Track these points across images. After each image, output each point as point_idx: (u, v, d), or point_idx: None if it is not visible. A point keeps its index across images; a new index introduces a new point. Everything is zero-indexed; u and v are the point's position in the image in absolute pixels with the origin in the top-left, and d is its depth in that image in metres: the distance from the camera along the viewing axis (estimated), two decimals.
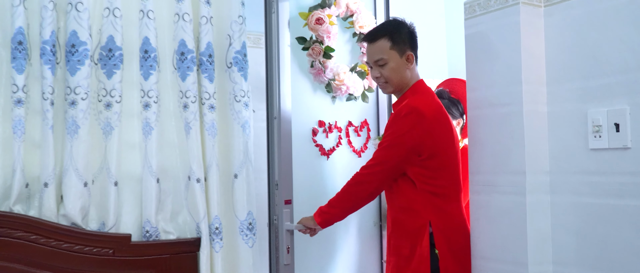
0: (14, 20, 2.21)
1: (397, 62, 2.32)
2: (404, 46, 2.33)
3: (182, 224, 2.48)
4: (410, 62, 2.34)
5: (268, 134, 2.65)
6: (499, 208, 2.06)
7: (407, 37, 2.35)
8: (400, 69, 2.33)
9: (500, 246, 2.05)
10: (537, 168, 1.99)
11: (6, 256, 2.14)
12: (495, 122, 2.07)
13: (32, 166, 2.25)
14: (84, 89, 2.29)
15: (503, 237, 2.04)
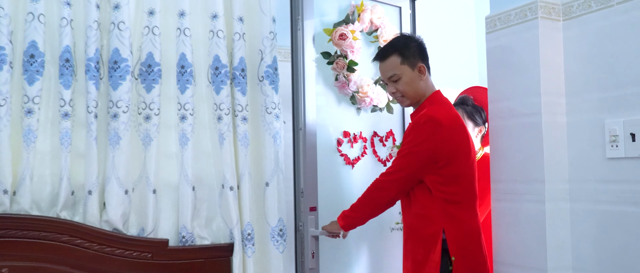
0: (61, 39, 2.35)
1: (410, 75, 2.36)
2: (414, 59, 2.36)
3: (216, 230, 2.59)
4: (423, 73, 2.37)
5: (294, 144, 2.74)
6: (520, 215, 2.12)
7: (416, 50, 2.37)
8: (414, 82, 2.36)
9: (521, 252, 2.11)
10: (557, 176, 2.05)
11: (53, 259, 2.28)
12: (516, 132, 2.14)
13: (77, 175, 2.39)
14: (125, 103, 2.42)
15: (523, 243, 2.10)
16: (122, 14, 2.42)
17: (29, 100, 2.29)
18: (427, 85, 2.39)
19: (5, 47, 2.25)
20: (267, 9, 2.66)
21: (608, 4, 1.94)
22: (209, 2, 2.59)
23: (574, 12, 2.07)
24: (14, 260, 2.21)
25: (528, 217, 2.08)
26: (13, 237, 2.22)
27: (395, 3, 3.11)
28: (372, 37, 3.00)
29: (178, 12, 2.54)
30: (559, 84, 2.09)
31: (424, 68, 2.37)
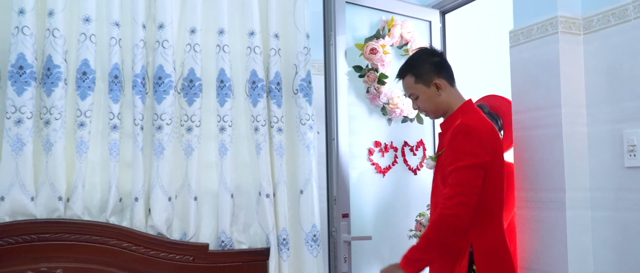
0: (111, 57, 2.53)
1: (426, 93, 2.30)
2: (429, 77, 2.29)
3: (253, 235, 2.72)
4: (441, 88, 2.28)
5: (327, 154, 2.85)
6: (542, 223, 2.17)
7: (431, 67, 2.30)
8: (432, 98, 2.30)
9: (543, 259, 2.16)
10: (578, 185, 2.11)
11: (103, 261, 2.44)
12: (538, 142, 2.20)
13: (124, 183, 2.55)
14: (169, 116, 2.57)
15: (546, 249, 2.15)
16: (166, 33, 2.59)
17: (82, 114, 2.46)
18: (450, 98, 2.30)
19: (61, 66, 2.44)
20: (301, 25, 2.79)
21: (625, 18, 2.00)
22: (247, 20, 2.74)
23: (594, 26, 2.13)
24: (68, 261, 2.39)
25: (550, 225, 2.13)
26: (67, 240, 2.39)
27: (425, 17, 3.20)
28: (402, 51, 3.09)
29: (218, 30, 2.69)
30: (580, 95, 2.15)
31: (440, 83, 2.28)
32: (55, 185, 2.39)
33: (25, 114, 2.36)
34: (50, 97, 2.41)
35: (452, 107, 2.31)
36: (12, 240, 2.31)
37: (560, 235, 2.09)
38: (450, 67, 2.36)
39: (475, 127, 2.15)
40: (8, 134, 2.34)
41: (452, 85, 2.34)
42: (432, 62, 2.31)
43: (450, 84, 2.33)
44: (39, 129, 2.43)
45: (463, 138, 2.14)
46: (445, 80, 2.30)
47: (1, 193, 2.33)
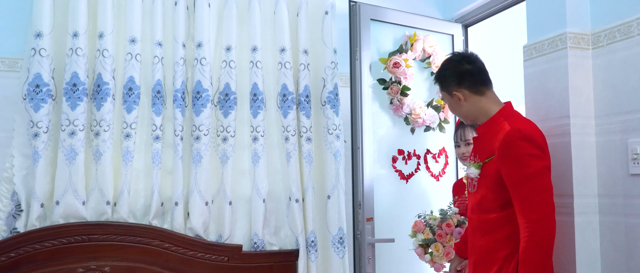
0: (154, 74, 2.72)
1: (449, 101, 2.26)
2: (449, 86, 2.21)
3: (284, 238, 2.87)
4: (461, 99, 2.19)
5: (353, 162, 2.98)
6: None
7: (452, 75, 2.21)
8: (455, 107, 2.24)
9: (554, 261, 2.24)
10: (587, 191, 2.19)
11: (146, 260, 2.63)
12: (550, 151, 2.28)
13: (166, 189, 2.74)
14: (206, 127, 2.76)
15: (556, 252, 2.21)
16: (203, 51, 2.77)
17: (128, 126, 2.67)
18: (475, 105, 2.19)
19: (109, 83, 2.64)
20: (329, 41, 2.94)
21: (629, 34, 2.08)
22: (278, 38, 2.90)
23: (601, 41, 2.21)
24: (115, 260, 2.58)
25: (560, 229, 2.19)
26: (114, 241, 2.59)
27: (448, 31, 3.31)
28: (425, 64, 3.21)
29: (251, 48, 2.86)
30: (588, 107, 2.23)
31: (460, 94, 2.18)
32: (104, 190, 2.60)
33: (78, 127, 2.58)
34: (100, 111, 2.62)
35: (486, 112, 2.18)
36: (65, 240, 2.52)
37: (569, 238, 2.17)
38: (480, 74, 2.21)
39: (530, 131, 2.03)
40: (63, 145, 2.56)
41: (481, 93, 2.18)
42: (456, 71, 2.20)
43: (475, 92, 2.18)
44: (90, 140, 2.63)
45: (522, 143, 2.00)
46: (467, 90, 2.18)
47: (56, 198, 2.55)
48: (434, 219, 2.69)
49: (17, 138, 2.57)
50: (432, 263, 2.68)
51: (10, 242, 2.47)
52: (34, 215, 2.52)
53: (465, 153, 2.68)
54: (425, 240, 2.63)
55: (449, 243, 2.61)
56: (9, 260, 2.46)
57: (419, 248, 2.69)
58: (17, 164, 2.56)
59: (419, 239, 2.66)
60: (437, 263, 2.67)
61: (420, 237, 2.66)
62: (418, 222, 2.70)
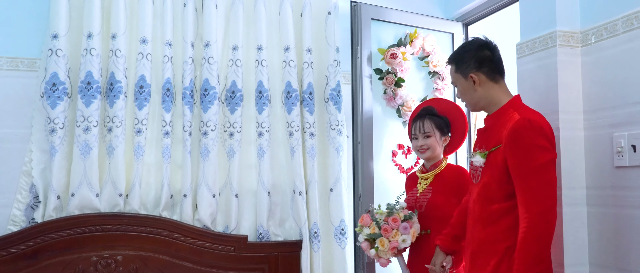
0: (164, 73, 2.83)
1: (462, 84, 2.18)
2: (467, 69, 2.14)
3: (288, 229, 2.97)
4: (477, 83, 2.13)
5: (353, 156, 3.06)
6: None
7: (472, 59, 2.14)
8: (468, 91, 2.17)
9: None
10: (575, 184, 2.24)
11: (157, 249, 2.74)
12: None
13: (175, 182, 2.84)
14: (214, 123, 2.86)
15: None
16: (211, 50, 2.88)
17: (139, 122, 2.78)
18: (491, 93, 2.14)
19: (122, 81, 2.76)
20: (332, 41, 3.03)
21: (615, 32, 2.14)
22: (283, 37, 3.00)
23: (590, 39, 2.27)
24: (127, 249, 2.70)
25: None
26: (126, 231, 2.70)
27: (448, 30, 3.37)
28: (423, 63, 3.28)
29: (257, 47, 2.96)
30: (577, 103, 2.29)
31: (477, 78, 2.12)
32: (117, 183, 2.71)
33: (92, 123, 2.69)
34: (112, 108, 2.74)
35: (497, 102, 2.14)
36: (80, 230, 2.64)
37: (558, 229, 2.23)
38: (498, 63, 2.17)
39: (539, 122, 2.00)
40: (78, 140, 2.67)
41: (496, 81, 2.15)
42: (476, 55, 2.15)
43: (492, 79, 2.14)
44: (103, 135, 2.75)
45: (532, 134, 1.96)
46: (484, 75, 2.13)
47: (72, 190, 2.67)
48: (381, 213, 2.54)
49: (35, 134, 2.70)
50: (378, 258, 2.54)
51: (29, 232, 2.60)
52: (51, 207, 2.65)
53: (423, 145, 2.59)
54: (370, 234, 2.50)
55: (395, 238, 2.46)
56: (28, 248, 2.58)
57: (365, 242, 2.54)
58: (35, 158, 2.69)
59: (365, 234, 2.53)
60: (382, 258, 2.52)
61: (366, 231, 2.53)
62: (365, 216, 2.58)
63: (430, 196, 2.57)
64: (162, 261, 2.73)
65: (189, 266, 2.75)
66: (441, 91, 3.29)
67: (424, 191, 2.61)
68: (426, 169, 2.66)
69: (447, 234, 2.40)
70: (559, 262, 2.22)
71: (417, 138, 2.63)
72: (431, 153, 2.61)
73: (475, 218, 2.15)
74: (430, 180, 2.62)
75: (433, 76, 3.29)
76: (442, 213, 2.50)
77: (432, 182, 2.61)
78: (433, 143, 2.60)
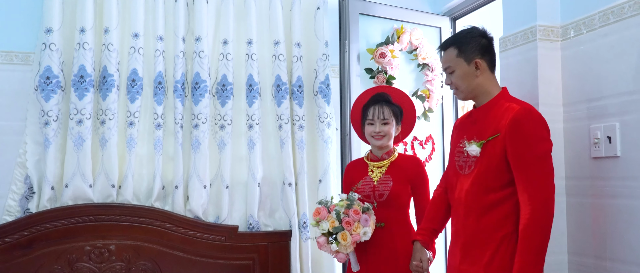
0: (156, 67, 2.87)
1: (463, 69, 2.11)
2: (472, 54, 2.11)
3: (278, 219, 3.01)
4: (480, 70, 2.10)
5: (341, 148, 3.11)
6: None
7: (477, 45, 2.12)
8: (468, 77, 2.11)
9: None
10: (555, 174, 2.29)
11: (149, 239, 2.79)
12: None
13: (167, 173, 2.89)
14: (204, 115, 2.90)
15: None
16: (202, 44, 2.91)
17: (131, 115, 2.82)
18: (487, 82, 2.12)
19: (114, 75, 2.80)
20: (321, 35, 3.07)
21: (593, 27, 2.18)
22: (273, 31, 3.04)
23: (569, 34, 2.31)
24: (120, 239, 2.74)
25: None
26: (119, 221, 2.75)
27: (435, 24, 3.41)
28: (412, 56, 3.32)
29: (247, 41, 3.00)
30: (557, 95, 2.33)
31: (481, 64, 2.10)
32: (110, 174, 2.75)
33: (85, 115, 2.73)
34: (105, 101, 2.78)
35: (490, 92, 2.12)
36: (74, 220, 2.69)
37: None
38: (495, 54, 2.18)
39: (536, 112, 2.01)
40: (71, 132, 2.72)
41: (493, 72, 2.16)
42: (480, 42, 2.13)
43: (491, 69, 2.14)
44: (96, 127, 2.79)
45: (533, 124, 1.97)
46: (486, 63, 2.12)
47: (66, 181, 2.71)
48: (341, 205, 2.36)
49: (30, 127, 2.74)
50: (336, 254, 2.37)
51: (24, 222, 2.64)
52: (45, 197, 2.69)
53: (380, 132, 2.48)
54: (336, 228, 2.31)
55: (356, 231, 2.32)
56: (23, 238, 2.63)
57: (322, 237, 2.36)
58: (30, 150, 2.73)
59: (323, 228, 2.34)
60: (341, 253, 2.35)
61: (325, 225, 2.34)
62: (320, 208, 2.39)
63: (392, 185, 2.45)
64: (154, 250, 2.77)
65: (181, 255, 2.80)
66: (431, 82, 3.33)
67: (381, 179, 2.48)
68: (378, 157, 2.53)
69: (426, 229, 2.32)
70: None
71: (373, 124, 2.50)
72: (387, 141, 2.51)
73: (468, 208, 2.09)
74: (385, 168, 2.51)
75: (423, 68, 3.34)
76: (402, 203, 2.47)
77: (388, 171, 2.50)
78: (390, 131, 2.49)
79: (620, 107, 2.05)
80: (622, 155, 2.03)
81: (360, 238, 2.33)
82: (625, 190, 2.02)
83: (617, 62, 2.06)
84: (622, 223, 2.03)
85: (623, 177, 2.03)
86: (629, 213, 2.01)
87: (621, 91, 2.05)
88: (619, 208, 2.04)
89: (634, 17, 2.00)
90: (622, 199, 2.04)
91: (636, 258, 1.97)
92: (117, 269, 2.72)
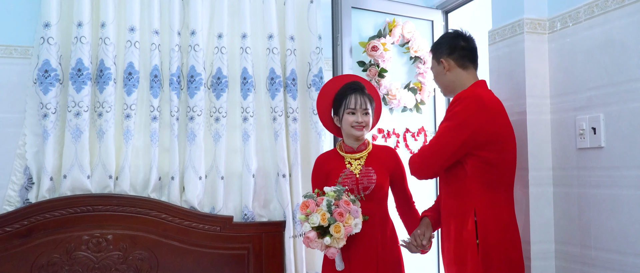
0: (152, 60, 2.89)
1: (435, 69, 2.31)
2: (440, 54, 2.27)
3: (273, 210, 3.04)
4: (446, 68, 2.24)
5: (335, 139, 3.08)
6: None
7: (446, 45, 2.26)
8: (439, 75, 2.29)
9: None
10: (542, 165, 2.31)
11: (145, 229, 2.82)
12: None
13: (163, 165, 2.92)
14: (200, 108, 2.92)
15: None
16: (197, 38, 2.93)
17: (128, 107, 2.84)
18: (459, 78, 2.24)
19: (111, 68, 2.82)
20: (314, 29, 3.09)
21: (578, 20, 2.19)
22: (266, 25, 3.05)
23: (556, 26, 2.32)
24: (117, 229, 2.77)
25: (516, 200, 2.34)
26: (116, 211, 2.78)
27: (428, 17, 3.42)
28: (404, 49, 3.34)
29: (241, 35, 3.02)
30: (544, 88, 2.35)
31: (446, 63, 2.24)
32: (107, 166, 2.78)
33: (83, 108, 2.76)
34: (102, 93, 2.80)
35: (463, 85, 2.22)
36: (72, 210, 2.72)
37: (524, 208, 2.31)
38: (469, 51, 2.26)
39: (481, 97, 2.10)
40: (69, 125, 2.74)
41: (464, 68, 2.24)
42: (449, 43, 2.26)
43: (460, 65, 2.24)
44: (94, 120, 2.82)
45: (455, 104, 2.11)
46: (454, 61, 2.23)
47: (64, 172, 2.74)
48: (331, 196, 2.26)
49: (29, 119, 2.76)
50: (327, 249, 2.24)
51: (23, 212, 2.67)
52: (44, 188, 2.72)
53: (362, 122, 2.39)
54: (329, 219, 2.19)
55: (348, 223, 2.22)
56: (22, 227, 2.66)
57: (312, 232, 2.21)
58: (29, 142, 2.76)
59: (314, 221, 2.19)
60: (332, 247, 2.23)
61: (316, 218, 2.19)
62: (308, 201, 2.26)
63: (376, 177, 2.39)
64: (150, 240, 2.80)
65: (177, 245, 2.83)
66: (423, 75, 3.35)
67: (363, 172, 2.41)
68: (353, 149, 2.44)
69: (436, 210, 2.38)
70: (526, 240, 2.30)
71: (355, 114, 2.40)
72: (366, 131, 2.43)
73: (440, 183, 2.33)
74: (363, 159, 2.44)
75: (415, 61, 3.35)
76: (383, 195, 2.43)
77: (367, 162, 2.43)
78: (368, 121, 2.42)
79: (604, 99, 2.06)
80: (606, 146, 2.05)
81: (352, 230, 2.23)
82: (608, 180, 2.04)
83: (601, 54, 2.08)
84: (606, 212, 2.05)
85: (606, 167, 2.05)
86: (611, 202, 2.03)
87: (605, 83, 2.06)
88: (602, 197, 2.06)
89: (617, 10, 2.02)
90: (605, 189, 2.06)
91: (617, 246, 1.99)
92: (114, 258, 2.75)
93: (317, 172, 2.51)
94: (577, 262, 2.18)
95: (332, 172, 2.44)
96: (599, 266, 2.08)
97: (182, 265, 2.83)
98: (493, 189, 2.11)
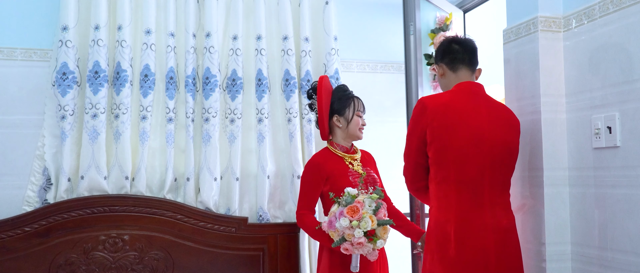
0: (167, 62, 2.93)
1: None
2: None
3: (288, 211, 3.05)
4: (440, 74, 2.35)
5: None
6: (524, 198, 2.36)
7: (439, 51, 2.37)
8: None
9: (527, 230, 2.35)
10: (556, 165, 2.27)
11: (161, 229, 2.85)
12: (523, 128, 2.38)
13: (178, 166, 2.95)
14: (215, 109, 2.95)
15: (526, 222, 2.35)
16: (212, 40, 2.96)
17: (144, 109, 2.88)
18: (450, 82, 2.32)
19: (127, 70, 2.86)
20: (330, 30, 3.10)
21: (593, 17, 2.16)
22: (281, 26, 3.07)
23: (571, 24, 2.29)
24: (133, 229, 2.81)
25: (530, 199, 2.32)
26: (132, 212, 2.82)
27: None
28: None
29: (256, 36, 3.04)
30: (560, 86, 2.31)
31: (438, 68, 2.35)
32: (123, 167, 2.82)
33: (100, 110, 2.81)
34: (119, 95, 2.84)
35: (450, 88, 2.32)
36: (89, 210, 2.77)
37: (539, 208, 2.28)
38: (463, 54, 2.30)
39: (423, 101, 2.20)
40: (86, 126, 2.79)
41: (455, 70, 2.30)
42: (442, 49, 2.35)
43: (451, 69, 2.30)
44: (110, 121, 2.86)
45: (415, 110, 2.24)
46: (446, 65, 2.32)
47: (81, 173, 2.79)
48: (373, 199, 2.26)
49: (47, 121, 2.82)
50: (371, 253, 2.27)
51: (42, 212, 2.73)
52: (62, 188, 2.77)
53: (364, 125, 2.60)
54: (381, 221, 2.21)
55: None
56: (41, 227, 2.71)
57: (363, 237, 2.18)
58: (48, 143, 2.81)
59: (366, 226, 2.16)
60: (376, 250, 2.26)
61: (368, 223, 2.17)
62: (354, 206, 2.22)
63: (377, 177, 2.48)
64: (166, 240, 2.84)
65: (192, 245, 2.86)
66: None
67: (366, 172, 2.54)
68: (349, 149, 2.58)
69: None
70: (541, 241, 2.27)
71: (361, 117, 2.58)
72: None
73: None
74: (359, 159, 2.58)
75: None
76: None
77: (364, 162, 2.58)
78: None
79: (619, 97, 2.03)
80: (622, 145, 2.01)
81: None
82: (624, 180, 2.00)
83: (616, 51, 2.04)
84: (622, 212, 2.01)
85: (622, 166, 2.01)
86: (627, 202, 1.99)
87: (620, 81, 2.03)
88: (619, 198, 2.03)
89: (632, 6, 1.98)
90: (621, 189, 2.02)
91: (634, 247, 1.95)
92: (131, 258, 2.79)
93: (317, 173, 2.51)
94: (594, 264, 2.14)
95: (336, 172, 2.50)
96: (617, 268, 2.04)
97: (198, 266, 2.86)
98: (444, 187, 2.18)
